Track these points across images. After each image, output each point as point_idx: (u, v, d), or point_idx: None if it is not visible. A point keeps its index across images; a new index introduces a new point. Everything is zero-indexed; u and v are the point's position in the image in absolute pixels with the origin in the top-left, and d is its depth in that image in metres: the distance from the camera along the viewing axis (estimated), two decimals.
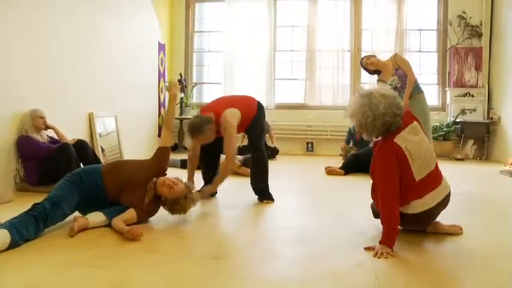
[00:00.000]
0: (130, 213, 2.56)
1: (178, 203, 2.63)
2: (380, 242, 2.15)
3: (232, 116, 3.24)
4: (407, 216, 2.28)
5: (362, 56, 4.61)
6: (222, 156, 3.66)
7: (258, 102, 3.53)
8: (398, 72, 4.21)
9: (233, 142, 3.26)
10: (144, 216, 2.65)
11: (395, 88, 4.19)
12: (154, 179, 2.65)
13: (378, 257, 2.07)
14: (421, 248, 2.24)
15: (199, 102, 7.91)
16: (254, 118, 3.45)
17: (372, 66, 4.40)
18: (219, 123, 3.22)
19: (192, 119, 3.24)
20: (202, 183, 3.57)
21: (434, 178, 2.31)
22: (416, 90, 4.17)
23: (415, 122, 2.34)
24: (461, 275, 1.90)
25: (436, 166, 2.35)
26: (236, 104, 3.37)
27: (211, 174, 3.56)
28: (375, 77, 4.53)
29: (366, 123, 2.25)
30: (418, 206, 2.25)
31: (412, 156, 2.22)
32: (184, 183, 2.71)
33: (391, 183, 2.20)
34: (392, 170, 2.20)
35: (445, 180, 2.37)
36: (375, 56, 4.52)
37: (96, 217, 2.51)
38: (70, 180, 2.53)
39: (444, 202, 2.32)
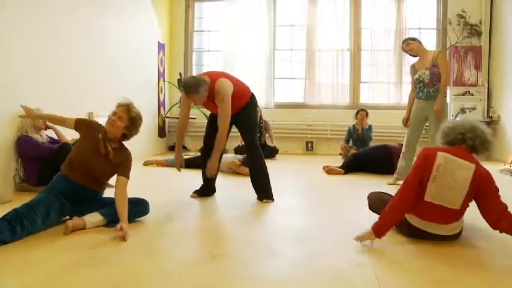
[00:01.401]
0: (122, 181, 2.59)
1: (134, 119, 2.67)
2: (372, 227, 2.18)
3: (229, 86, 3.26)
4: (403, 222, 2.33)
5: (404, 39, 4.43)
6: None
7: (252, 93, 3.53)
8: (433, 70, 4.11)
9: (228, 111, 3.22)
10: (129, 165, 2.68)
11: (422, 81, 4.13)
12: (100, 135, 2.63)
13: (360, 241, 2.15)
14: (420, 248, 2.24)
15: None
16: (246, 105, 3.43)
17: (412, 52, 4.25)
18: (214, 89, 3.21)
19: (187, 78, 3.25)
20: (201, 183, 3.58)
21: (445, 215, 2.24)
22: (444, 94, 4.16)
23: (474, 167, 2.18)
24: (461, 275, 1.90)
25: (459, 211, 2.25)
26: (232, 79, 3.37)
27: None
28: (376, 76, 4.51)
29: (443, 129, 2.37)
30: (410, 219, 2.29)
31: (435, 176, 2.19)
32: (119, 105, 2.70)
33: (407, 183, 2.27)
34: (414, 172, 2.26)
35: (456, 229, 2.30)
36: (415, 41, 4.26)
37: (93, 217, 2.52)
38: (49, 187, 2.56)
39: (438, 237, 2.30)
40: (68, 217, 2.57)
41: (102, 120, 2.78)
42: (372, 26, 7.52)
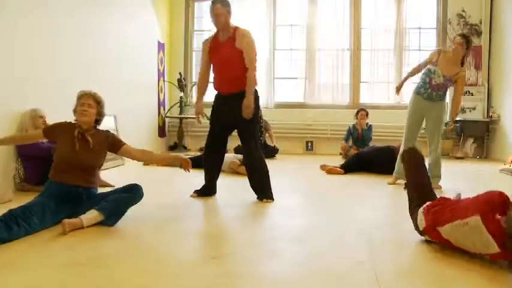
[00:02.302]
0: (127, 149, 2.75)
1: (101, 102, 2.75)
2: None
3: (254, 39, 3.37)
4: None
5: (465, 33, 4.28)
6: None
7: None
8: (447, 82, 4.07)
9: (255, 50, 3.32)
10: (116, 137, 2.83)
11: (430, 78, 4.08)
12: (76, 131, 2.65)
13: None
14: (421, 248, 2.24)
15: None
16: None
17: (455, 51, 4.06)
18: (236, 32, 3.35)
19: None
20: (202, 182, 3.58)
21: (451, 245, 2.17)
22: (445, 99, 4.23)
23: (497, 251, 1.91)
24: (462, 275, 1.90)
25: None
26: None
27: (213, 176, 3.55)
28: (376, 76, 4.48)
29: None
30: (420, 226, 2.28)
31: (457, 224, 2.05)
32: (81, 96, 2.72)
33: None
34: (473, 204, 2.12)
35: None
36: (470, 45, 4.08)
37: (89, 214, 2.51)
38: (42, 193, 2.59)
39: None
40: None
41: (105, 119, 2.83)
42: (371, 26, 7.53)
